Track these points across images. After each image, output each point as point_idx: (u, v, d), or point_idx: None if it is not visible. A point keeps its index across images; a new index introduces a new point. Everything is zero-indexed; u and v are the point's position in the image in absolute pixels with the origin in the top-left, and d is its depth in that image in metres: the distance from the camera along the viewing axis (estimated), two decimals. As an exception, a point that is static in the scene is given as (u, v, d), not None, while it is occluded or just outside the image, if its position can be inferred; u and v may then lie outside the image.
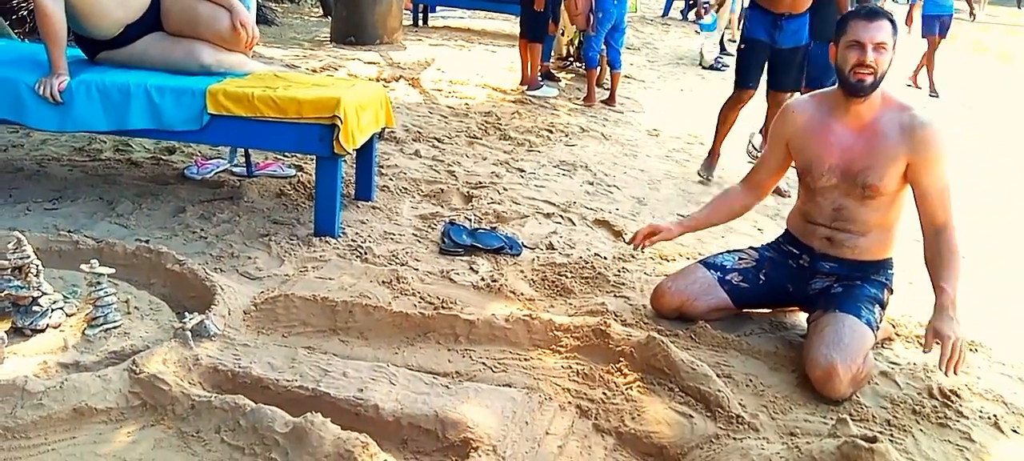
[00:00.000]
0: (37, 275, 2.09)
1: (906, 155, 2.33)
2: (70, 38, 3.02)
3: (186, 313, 2.16)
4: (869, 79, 2.32)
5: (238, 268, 2.74)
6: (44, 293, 2.09)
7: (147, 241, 2.80)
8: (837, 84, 2.43)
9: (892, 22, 2.36)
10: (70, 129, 2.97)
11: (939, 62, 9.11)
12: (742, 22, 4.45)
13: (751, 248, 2.76)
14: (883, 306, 2.46)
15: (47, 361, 1.95)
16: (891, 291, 2.52)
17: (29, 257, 2.09)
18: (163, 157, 3.94)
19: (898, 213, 2.47)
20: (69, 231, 2.77)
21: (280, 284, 2.64)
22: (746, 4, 5.32)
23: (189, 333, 2.04)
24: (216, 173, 3.70)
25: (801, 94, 3.81)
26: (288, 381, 1.95)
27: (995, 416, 2.21)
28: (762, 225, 3.80)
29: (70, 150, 3.90)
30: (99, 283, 2.08)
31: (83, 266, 2.10)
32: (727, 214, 2.81)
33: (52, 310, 2.10)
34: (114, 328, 2.09)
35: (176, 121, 2.92)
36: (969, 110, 8.31)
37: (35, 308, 2.07)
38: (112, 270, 2.14)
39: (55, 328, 2.09)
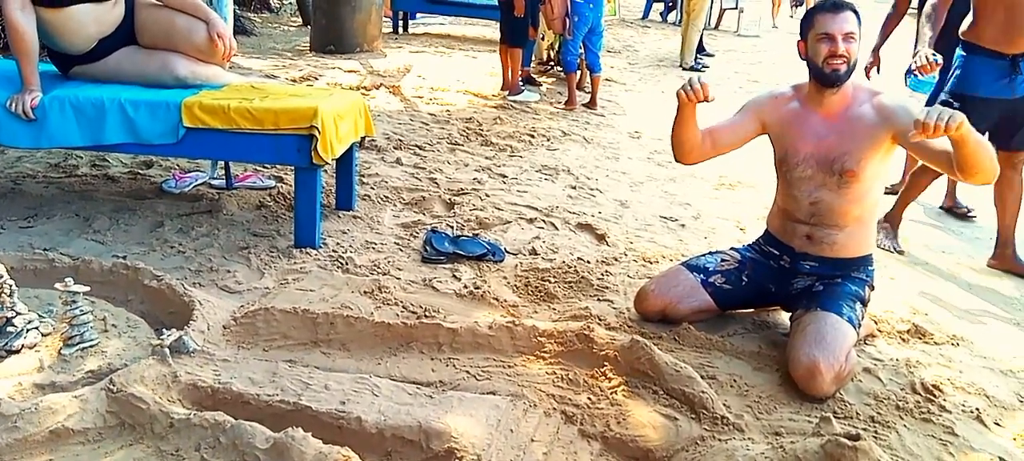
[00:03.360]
0: (11, 295, 2.05)
1: (888, 130, 2.35)
2: (43, 53, 2.98)
3: (164, 329, 2.14)
4: (843, 68, 2.37)
5: (217, 282, 2.71)
6: (18, 313, 2.06)
7: (124, 257, 2.77)
8: (810, 78, 2.47)
9: (856, 13, 2.41)
10: (44, 145, 2.93)
11: None
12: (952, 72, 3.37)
13: (733, 249, 2.77)
14: (864, 303, 2.48)
15: (22, 382, 1.91)
16: (872, 288, 2.54)
17: (3, 277, 2.05)
18: (140, 171, 3.90)
19: (874, 205, 2.50)
20: (44, 249, 2.74)
21: (260, 297, 2.62)
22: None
23: (167, 350, 2.01)
24: (194, 186, 3.67)
25: None
26: (269, 396, 1.93)
27: (978, 409, 2.22)
28: (745, 225, 3.81)
29: (45, 167, 3.85)
30: (75, 301, 2.05)
31: (58, 284, 2.07)
32: (691, 140, 2.60)
33: (27, 330, 2.07)
34: (91, 347, 2.06)
35: (152, 135, 2.89)
36: None
37: (9, 328, 2.03)
38: (88, 288, 2.10)
39: (30, 348, 2.05)
